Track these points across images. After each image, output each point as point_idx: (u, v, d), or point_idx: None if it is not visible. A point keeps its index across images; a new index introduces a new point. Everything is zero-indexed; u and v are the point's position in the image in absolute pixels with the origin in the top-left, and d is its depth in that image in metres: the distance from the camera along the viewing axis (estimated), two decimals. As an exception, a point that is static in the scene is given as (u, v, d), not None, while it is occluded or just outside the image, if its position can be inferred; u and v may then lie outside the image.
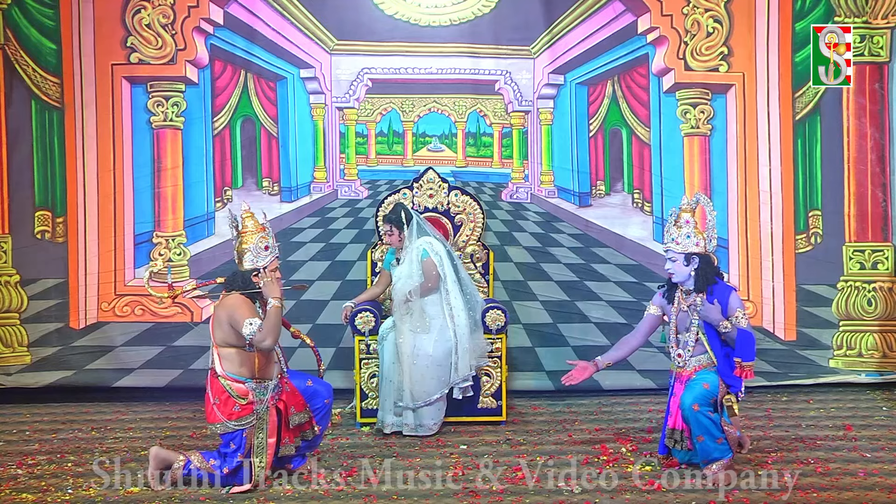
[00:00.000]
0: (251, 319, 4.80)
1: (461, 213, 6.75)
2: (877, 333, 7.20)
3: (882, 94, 7.18)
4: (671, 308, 5.27)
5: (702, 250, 5.16)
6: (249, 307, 4.90)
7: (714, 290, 5.15)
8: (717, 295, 5.14)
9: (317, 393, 5.20)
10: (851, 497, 4.71)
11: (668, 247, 5.19)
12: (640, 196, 7.39)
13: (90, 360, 7.07)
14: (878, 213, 7.20)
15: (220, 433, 4.95)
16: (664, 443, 5.28)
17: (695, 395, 5.02)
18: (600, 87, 7.40)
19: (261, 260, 4.96)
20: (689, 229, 5.15)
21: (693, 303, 5.17)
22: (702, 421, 4.98)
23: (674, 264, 5.17)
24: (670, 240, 5.19)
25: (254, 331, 4.77)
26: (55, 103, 7.09)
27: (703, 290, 5.16)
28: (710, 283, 5.17)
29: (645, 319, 5.42)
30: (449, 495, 4.83)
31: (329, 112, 7.34)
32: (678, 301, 5.23)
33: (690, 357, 5.19)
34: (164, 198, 7.21)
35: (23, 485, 5.03)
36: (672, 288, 5.28)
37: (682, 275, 5.17)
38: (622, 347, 5.48)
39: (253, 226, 5.00)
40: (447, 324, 6.04)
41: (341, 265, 7.26)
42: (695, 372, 5.17)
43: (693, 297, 5.18)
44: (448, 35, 7.26)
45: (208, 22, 7.16)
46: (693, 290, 5.17)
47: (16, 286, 7.09)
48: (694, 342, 5.17)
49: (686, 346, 5.19)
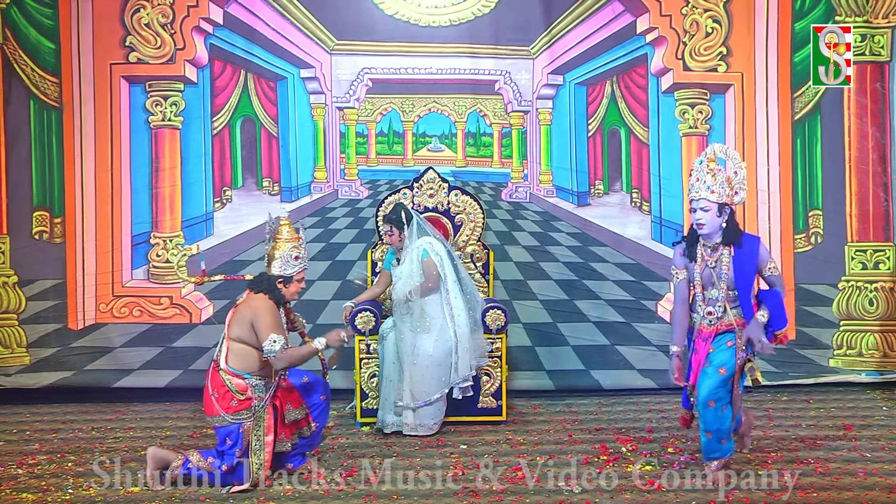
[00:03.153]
0: (276, 337, 4.86)
1: (461, 212, 6.75)
2: (877, 333, 7.21)
3: (883, 93, 7.19)
4: (694, 266, 5.08)
5: (731, 201, 5.01)
6: (276, 317, 4.97)
7: (743, 241, 5.01)
8: (747, 245, 5.00)
9: (314, 389, 5.23)
10: (851, 497, 4.71)
11: (703, 196, 4.93)
12: (638, 195, 7.39)
13: (89, 360, 7.06)
14: (879, 213, 7.21)
15: (216, 426, 4.96)
16: (687, 397, 5.16)
17: (711, 388, 4.93)
18: (599, 87, 7.40)
19: (289, 268, 5.05)
20: (723, 178, 4.95)
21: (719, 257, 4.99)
22: (716, 417, 4.92)
23: (706, 214, 4.94)
24: (705, 189, 4.93)
25: (275, 350, 4.84)
26: (54, 103, 7.08)
27: (733, 241, 4.99)
28: (740, 234, 5.02)
29: (679, 287, 5.18)
30: (449, 495, 4.83)
31: (329, 112, 7.34)
32: (701, 258, 5.05)
33: (719, 318, 5.03)
34: (162, 198, 7.20)
35: (23, 485, 5.02)
36: (693, 245, 5.09)
37: (713, 226, 4.96)
38: (680, 325, 5.22)
39: (288, 234, 5.10)
40: (447, 323, 6.04)
41: (341, 265, 7.26)
42: (716, 333, 5.03)
43: (720, 251, 5.00)
44: (448, 35, 7.26)
45: (208, 21, 7.15)
46: (721, 244, 5.00)
47: (14, 287, 7.08)
48: (724, 297, 5.01)
49: (716, 303, 5.03)
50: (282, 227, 5.12)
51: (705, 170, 4.96)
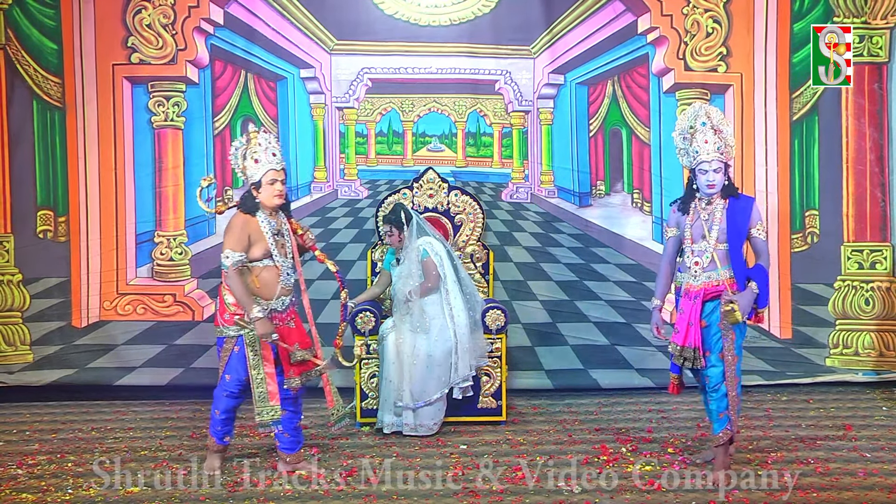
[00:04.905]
0: (228, 253, 4.96)
1: (461, 213, 6.76)
2: (874, 332, 7.21)
3: (881, 94, 7.18)
4: (686, 219, 5.13)
5: (729, 158, 5.10)
6: (236, 233, 4.99)
7: (740, 196, 5.10)
8: (742, 199, 5.08)
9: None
10: (851, 497, 4.72)
11: (714, 157, 4.98)
12: (639, 196, 7.39)
13: (92, 358, 7.09)
14: (876, 213, 7.20)
15: (216, 336, 5.13)
16: (674, 362, 5.15)
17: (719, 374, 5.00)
18: (600, 87, 7.40)
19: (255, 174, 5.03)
20: (723, 137, 5.02)
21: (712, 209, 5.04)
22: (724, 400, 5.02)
23: (717, 175, 5.00)
24: (715, 150, 4.98)
25: (224, 265, 4.97)
26: (56, 103, 7.10)
27: (731, 193, 5.06)
28: (736, 189, 5.12)
29: (669, 244, 5.25)
30: (449, 495, 4.84)
31: (329, 112, 7.35)
32: (694, 209, 5.10)
33: (704, 270, 5.03)
34: (165, 197, 7.22)
35: (23, 485, 5.04)
36: (689, 200, 5.13)
37: (720, 185, 5.03)
38: (663, 282, 5.29)
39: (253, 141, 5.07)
40: (447, 324, 6.05)
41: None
42: (703, 297, 5.02)
43: (714, 203, 5.05)
44: (448, 35, 7.26)
45: (208, 22, 7.17)
46: (721, 197, 5.05)
47: (18, 285, 7.10)
48: (712, 248, 5.02)
49: (703, 254, 5.04)
50: (251, 139, 5.09)
51: (710, 131, 5.01)
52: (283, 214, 5.20)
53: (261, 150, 5.04)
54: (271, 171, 5.03)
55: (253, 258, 5.02)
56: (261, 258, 5.03)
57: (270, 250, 5.02)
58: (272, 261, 5.05)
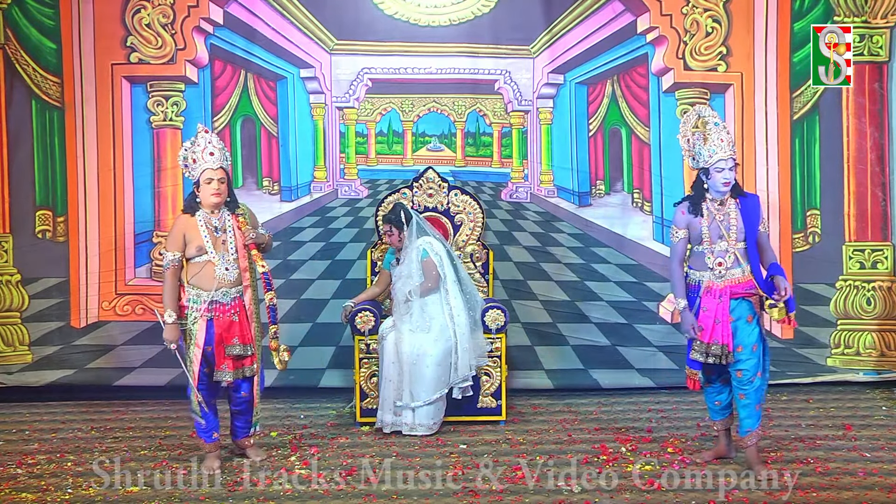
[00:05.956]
0: (163, 252, 5.30)
1: (461, 212, 6.75)
2: (875, 332, 7.21)
3: (881, 93, 7.18)
4: (700, 220, 5.14)
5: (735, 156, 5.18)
6: (174, 233, 5.25)
7: (747, 194, 5.19)
8: (750, 197, 5.18)
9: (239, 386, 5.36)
10: (851, 497, 4.71)
11: (730, 154, 5.06)
12: (639, 196, 7.39)
13: (91, 358, 7.08)
14: (877, 213, 7.20)
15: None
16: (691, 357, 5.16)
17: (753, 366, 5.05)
18: (600, 87, 7.40)
19: (193, 173, 5.28)
20: (731, 137, 5.13)
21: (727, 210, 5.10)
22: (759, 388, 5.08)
23: (732, 173, 5.07)
24: (730, 148, 5.07)
25: (164, 264, 5.25)
26: (55, 103, 7.09)
27: (740, 192, 5.15)
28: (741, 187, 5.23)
29: (678, 246, 5.24)
30: (449, 495, 4.83)
31: (329, 112, 7.35)
32: (708, 211, 5.13)
33: (728, 269, 5.09)
34: (164, 197, 7.21)
35: (22, 484, 5.04)
36: (698, 202, 5.16)
37: (733, 182, 5.11)
38: (680, 283, 5.26)
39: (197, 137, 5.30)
40: (447, 323, 6.04)
41: (341, 264, 7.26)
42: (730, 294, 5.08)
43: (728, 204, 5.12)
44: (447, 35, 7.26)
45: (208, 21, 7.16)
46: (731, 196, 5.12)
47: (17, 285, 7.10)
48: (733, 248, 5.08)
49: (725, 254, 5.10)
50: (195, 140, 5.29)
51: (722, 130, 5.10)
52: (228, 211, 5.35)
53: (199, 151, 5.25)
54: (207, 170, 5.23)
55: (189, 255, 5.23)
56: (196, 255, 5.22)
57: (205, 246, 5.20)
58: (208, 256, 5.22)
